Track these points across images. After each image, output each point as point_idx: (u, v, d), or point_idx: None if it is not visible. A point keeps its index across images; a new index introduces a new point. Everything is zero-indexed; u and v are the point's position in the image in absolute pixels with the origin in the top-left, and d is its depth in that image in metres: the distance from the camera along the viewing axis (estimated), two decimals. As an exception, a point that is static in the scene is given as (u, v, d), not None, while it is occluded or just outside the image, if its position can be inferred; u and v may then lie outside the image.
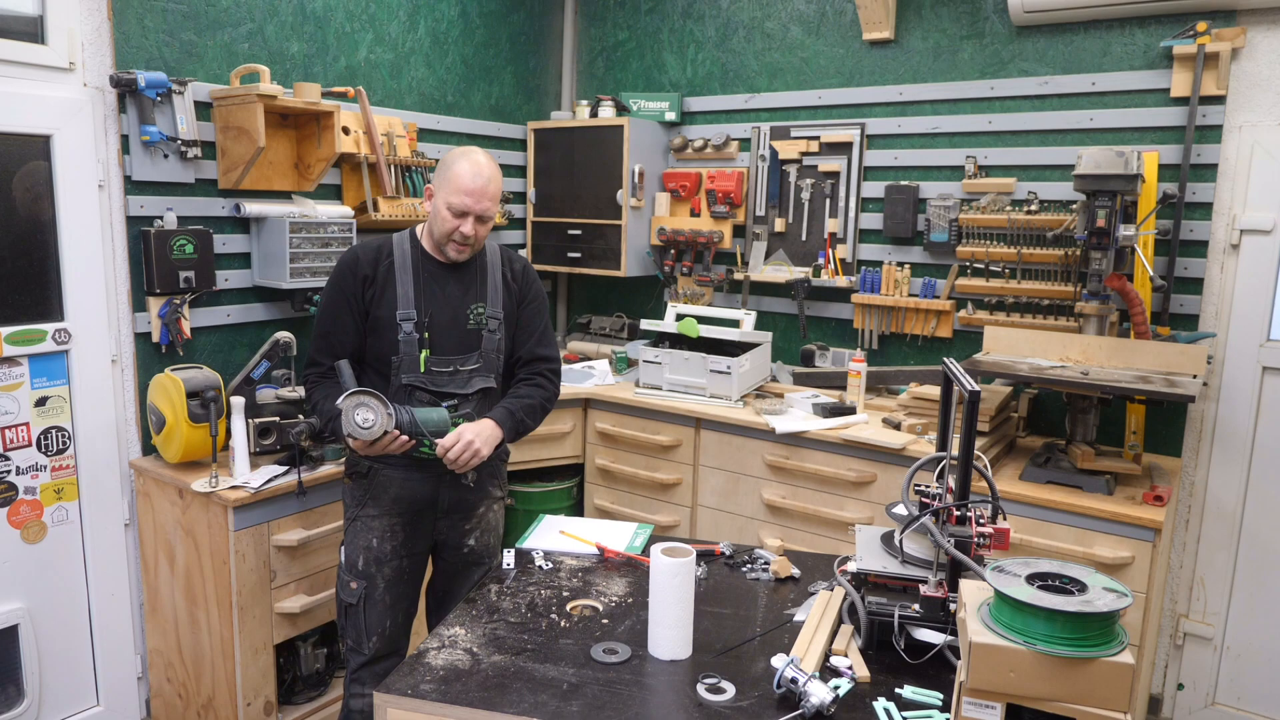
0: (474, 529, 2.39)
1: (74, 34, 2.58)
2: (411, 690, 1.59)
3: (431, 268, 2.26)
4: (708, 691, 1.60)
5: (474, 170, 2.15)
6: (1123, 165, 2.60)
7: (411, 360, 2.20)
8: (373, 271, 2.22)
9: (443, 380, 2.23)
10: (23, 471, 2.60)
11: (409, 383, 2.20)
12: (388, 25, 3.47)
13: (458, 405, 2.23)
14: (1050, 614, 1.26)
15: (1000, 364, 2.80)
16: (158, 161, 2.77)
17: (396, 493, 2.26)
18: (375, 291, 2.21)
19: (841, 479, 3.02)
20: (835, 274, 3.64)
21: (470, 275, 2.29)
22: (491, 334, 2.29)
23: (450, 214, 2.16)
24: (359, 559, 2.27)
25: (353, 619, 2.29)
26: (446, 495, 2.31)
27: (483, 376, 2.28)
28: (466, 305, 2.27)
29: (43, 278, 2.61)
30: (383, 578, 2.28)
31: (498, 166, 2.23)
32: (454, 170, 2.16)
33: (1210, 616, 3.06)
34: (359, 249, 2.26)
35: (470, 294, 2.28)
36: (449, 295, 2.25)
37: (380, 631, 2.29)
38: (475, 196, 2.15)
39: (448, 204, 2.16)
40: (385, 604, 2.29)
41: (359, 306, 2.22)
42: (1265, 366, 2.89)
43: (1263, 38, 2.82)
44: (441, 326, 2.23)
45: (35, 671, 2.67)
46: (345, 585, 2.30)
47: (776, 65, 3.76)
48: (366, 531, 2.28)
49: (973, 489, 1.68)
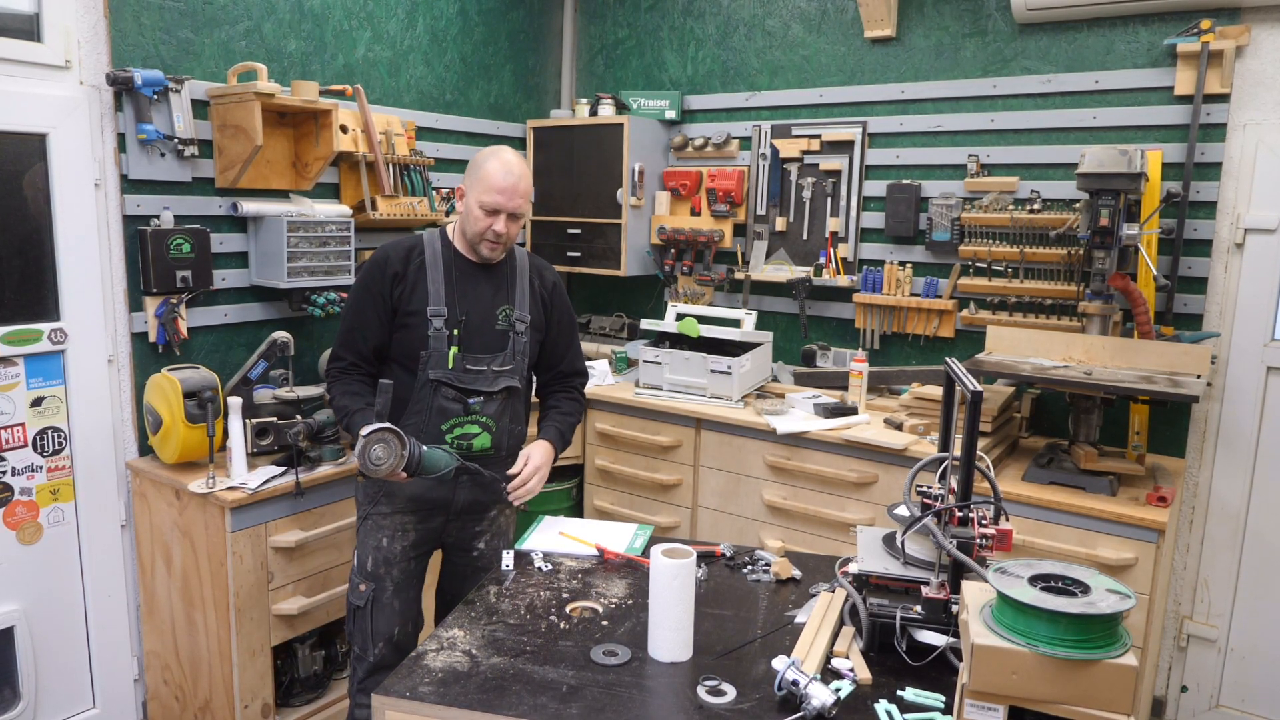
0: (485, 531, 2.40)
1: (70, 32, 2.57)
2: (410, 692, 1.57)
3: (463, 266, 2.28)
4: (708, 694, 1.59)
5: (504, 169, 2.19)
6: (1126, 164, 2.59)
7: (440, 356, 2.21)
8: (403, 269, 2.24)
9: (470, 378, 2.24)
10: (19, 472, 2.59)
11: (436, 378, 2.21)
12: (386, 23, 3.46)
13: (482, 402, 2.24)
14: (1053, 616, 1.25)
15: (1003, 364, 2.79)
16: (154, 160, 2.75)
17: (412, 491, 2.26)
18: (406, 288, 2.23)
19: (843, 480, 3.00)
20: (836, 273, 3.62)
21: (500, 277, 2.32)
22: (519, 335, 2.31)
23: (482, 213, 2.19)
24: (368, 559, 2.28)
25: (359, 622, 2.28)
26: (462, 496, 2.31)
27: (509, 376, 2.29)
28: (496, 306, 2.29)
29: (39, 277, 2.59)
30: (391, 580, 2.28)
31: (527, 165, 2.26)
32: (485, 169, 2.19)
33: (1214, 618, 3.04)
34: (390, 248, 2.29)
35: (500, 295, 2.30)
36: (480, 294, 2.28)
37: (387, 637, 2.28)
38: (507, 195, 2.18)
39: (480, 202, 2.19)
40: (394, 608, 2.28)
41: (386, 304, 2.23)
42: (1269, 366, 2.87)
43: (1267, 36, 2.80)
44: (471, 325, 2.25)
45: (31, 674, 2.65)
46: (354, 587, 2.30)
47: (777, 63, 3.75)
48: (377, 530, 2.28)
49: (975, 490, 1.66)
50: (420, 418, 2.23)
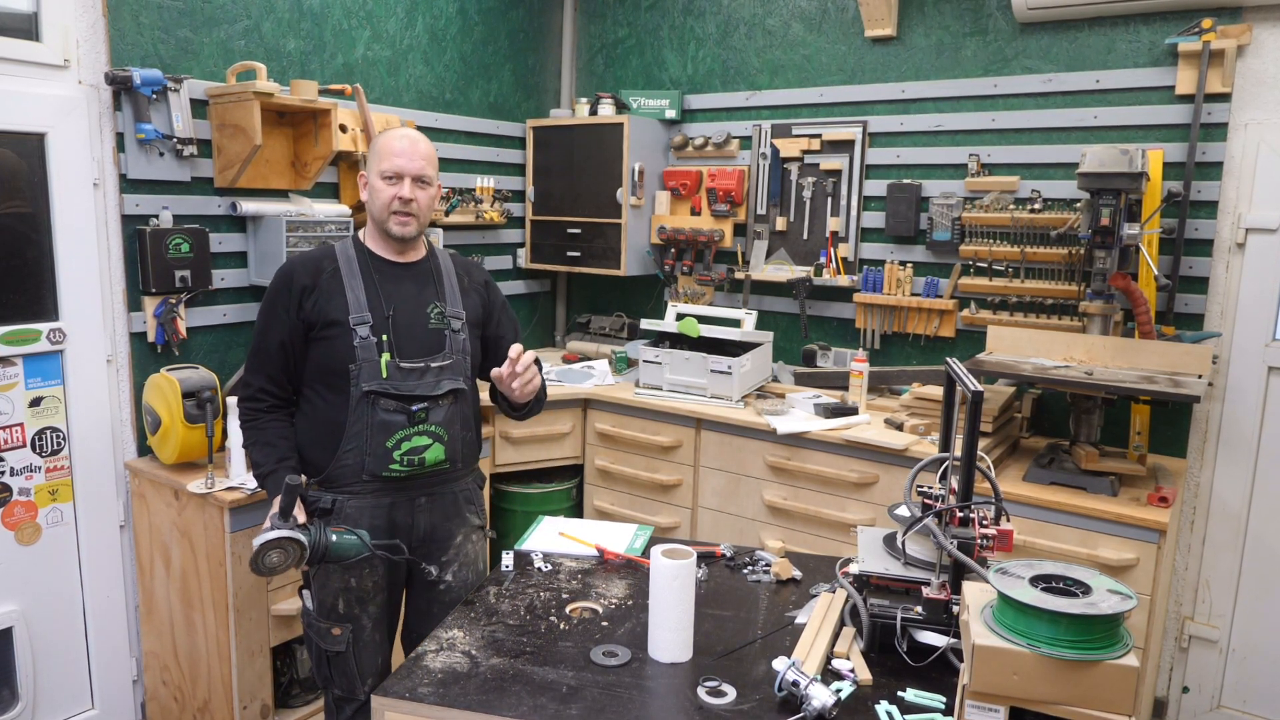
0: (451, 562, 2.20)
1: (69, 31, 2.56)
2: (409, 693, 1.57)
3: (382, 267, 2.12)
4: (708, 694, 1.58)
5: (401, 133, 2.09)
6: (1127, 163, 2.58)
7: (372, 366, 2.03)
8: (313, 280, 2.06)
9: (409, 384, 2.05)
10: (17, 472, 2.59)
11: (371, 389, 2.02)
12: (385, 22, 3.45)
13: (428, 409, 2.07)
14: (1054, 616, 1.24)
15: (1003, 364, 2.78)
16: (153, 160, 2.75)
17: (368, 524, 2.06)
18: (319, 300, 2.05)
19: (843, 480, 3.00)
20: (837, 273, 3.61)
21: (424, 274, 2.17)
22: (455, 334, 2.15)
23: (384, 183, 2.06)
24: (337, 602, 2.08)
25: (340, 666, 2.09)
26: (423, 520, 2.14)
27: (451, 378, 2.12)
28: (424, 304, 2.13)
29: (37, 277, 2.59)
30: (369, 616, 2.11)
31: (426, 137, 2.16)
32: (380, 142, 2.10)
33: (1215, 619, 3.03)
34: (295, 260, 2.12)
35: (427, 292, 2.15)
36: (404, 295, 2.11)
37: (375, 670, 2.13)
38: (407, 155, 2.06)
39: (379, 172, 2.06)
40: (376, 641, 2.13)
41: (294, 322, 2.06)
42: (1271, 366, 2.86)
43: (1269, 35, 2.79)
44: (401, 327, 2.08)
45: (30, 674, 2.65)
46: (324, 633, 2.08)
47: (778, 62, 3.74)
48: (342, 572, 2.07)
49: (976, 490, 1.66)
50: (360, 439, 2.03)
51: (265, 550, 1.85)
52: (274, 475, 2.04)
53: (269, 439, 2.09)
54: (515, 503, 3.59)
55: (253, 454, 2.11)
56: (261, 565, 1.87)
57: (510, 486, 3.60)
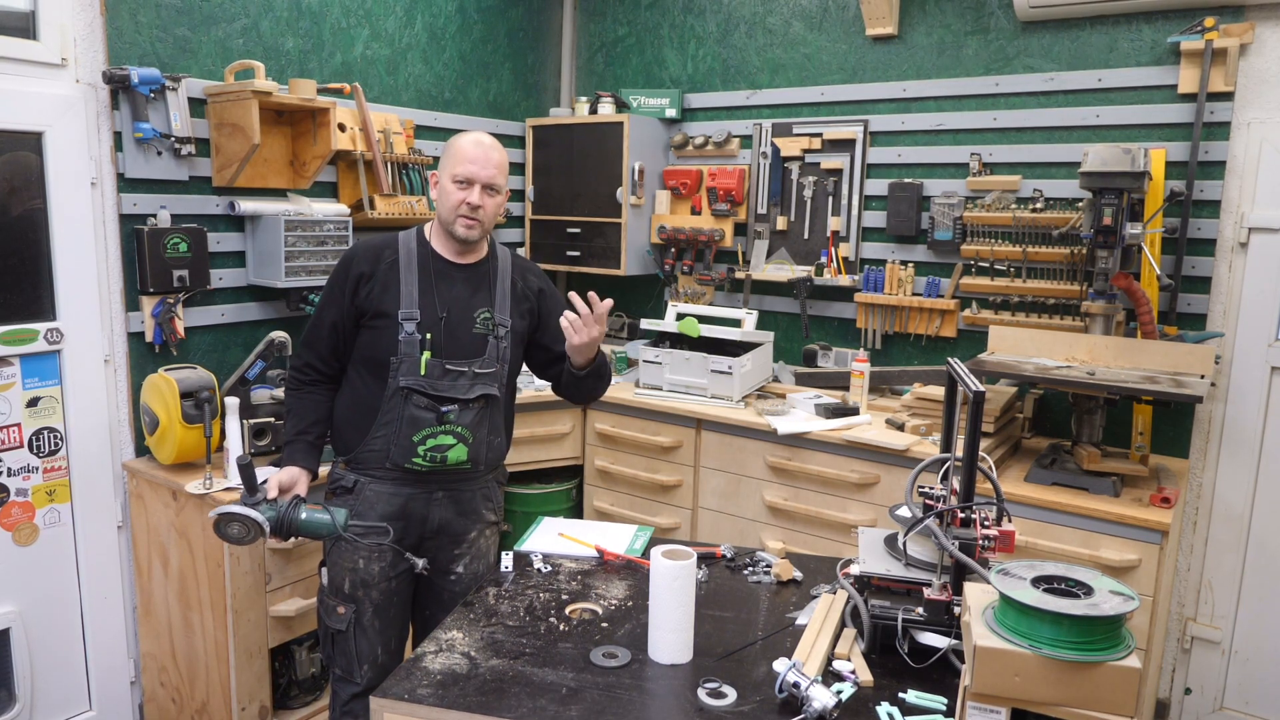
0: (463, 555, 2.25)
1: (66, 30, 2.56)
2: (408, 695, 1.56)
3: (440, 266, 2.17)
4: (709, 696, 1.58)
5: (475, 140, 2.14)
6: (1129, 162, 2.57)
7: (411, 363, 2.09)
8: (371, 269, 2.13)
9: (444, 385, 2.10)
10: (14, 473, 2.58)
11: (407, 385, 2.08)
12: (384, 21, 3.44)
13: (457, 411, 2.11)
14: (1056, 617, 1.24)
15: (1005, 364, 2.77)
16: (151, 159, 2.74)
17: (384, 509, 2.14)
18: (374, 289, 2.12)
19: (844, 481, 2.99)
20: (838, 273, 3.60)
21: (479, 278, 2.20)
22: (499, 341, 2.18)
23: (455, 185, 2.11)
24: (344, 582, 2.15)
25: (341, 646, 2.16)
26: (437, 514, 2.19)
27: (486, 384, 2.15)
28: (473, 309, 2.17)
29: (34, 277, 2.58)
30: (370, 601, 2.16)
31: (501, 146, 2.19)
32: (456, 144, 2.14)
33: (1218, 620, 3.02)
34: (359, 246, 2.20)
35: (479, 296, 2.19)
36: (456, 296, 2.16)
37: (372, 659, 2.17)
38: (480, 163, 2.10)
39: (452, 175, 2.11)
40: (375, 629, 2.17)
41: (348, 307, 2.14)
42: (1274, 366, 2.85)
43: (1271, 33, 2.78)
44: (447, 328, 2.13)
45: (27, 676, 2.64)
46: (331, 610, 2.16)
47: (778, 61, 3.73)
48: (352, 552, 2.14)
49: (977, 491, 1.65)
50: (390, 428, 2.11)
51: (224, 522, 1.99)
52: (289, 445, 2.18)
53: (300, 409, 2.21)
54: (515, 503, 3.58)
55: (286, 420, 2.23)
56: (227, 536, 2.01)
57: (510, 487, 3.58)
